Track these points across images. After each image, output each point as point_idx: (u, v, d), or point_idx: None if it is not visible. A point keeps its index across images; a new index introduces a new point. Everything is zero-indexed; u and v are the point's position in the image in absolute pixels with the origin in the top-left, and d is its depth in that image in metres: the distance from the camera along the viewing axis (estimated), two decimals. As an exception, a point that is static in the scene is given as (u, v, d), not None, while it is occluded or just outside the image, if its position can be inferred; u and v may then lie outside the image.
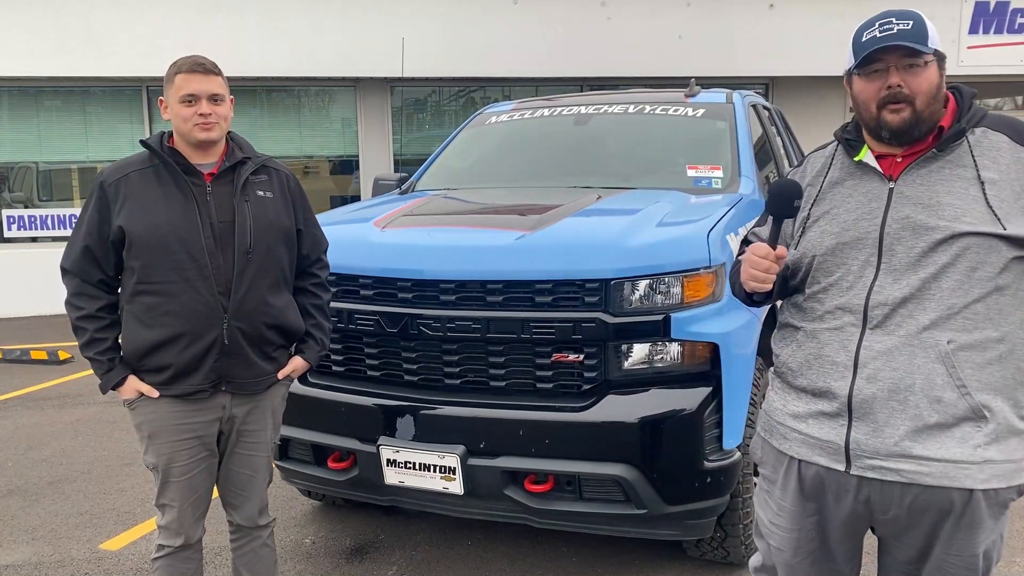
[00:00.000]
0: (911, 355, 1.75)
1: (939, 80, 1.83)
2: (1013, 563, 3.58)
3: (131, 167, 2.52)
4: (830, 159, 2.00)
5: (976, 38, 10.68)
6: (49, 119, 10.52)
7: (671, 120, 4.47)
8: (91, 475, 4.83)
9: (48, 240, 10.46)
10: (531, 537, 3.80)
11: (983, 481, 1.75)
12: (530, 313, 3.00)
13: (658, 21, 10.37)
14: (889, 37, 1.77)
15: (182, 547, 2.61)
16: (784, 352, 2.00)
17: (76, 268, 2.52)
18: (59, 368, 7.52)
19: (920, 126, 1.81)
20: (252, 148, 2.66)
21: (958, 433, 1.74)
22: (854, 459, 1.82)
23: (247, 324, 2.52)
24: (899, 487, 1.79)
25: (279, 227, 2.61)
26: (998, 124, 1.85)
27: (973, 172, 1.78)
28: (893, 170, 1.86)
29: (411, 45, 9.95)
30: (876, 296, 1.80)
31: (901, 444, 1.76)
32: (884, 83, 1.80)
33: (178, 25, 9.67)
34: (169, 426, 2.52)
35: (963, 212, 1.75)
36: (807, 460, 1.91)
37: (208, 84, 2.48)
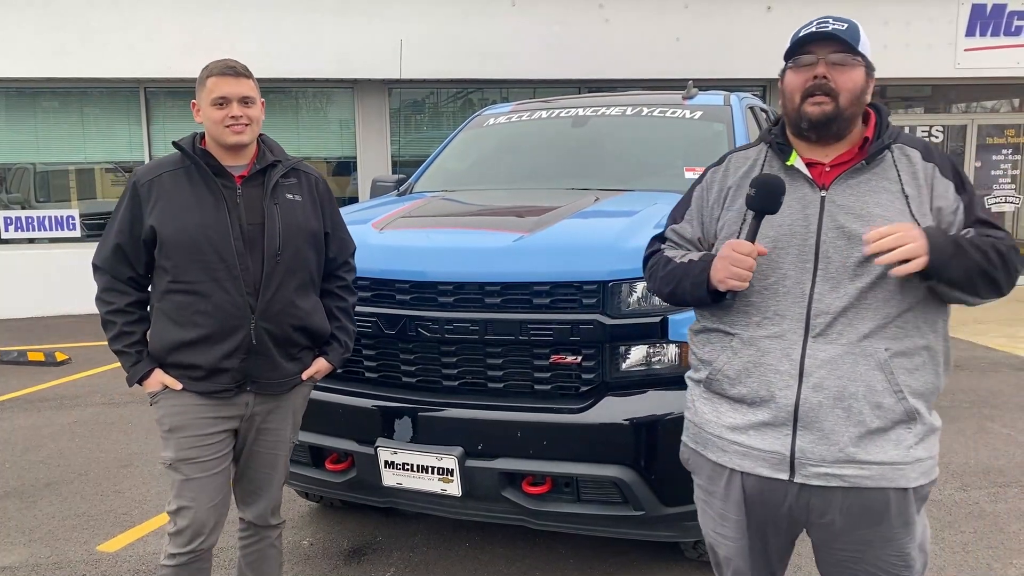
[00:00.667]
0: (854, 363, 1.81)
1: (864, 85, 1.90)
2: (1010, 564, 3.59)
3: (164, 168, 2.55)
4: (759, 162, 2.01)
5: (973, 40, 10.70)
6: (46, 120, 10.51)
7: (669, 122, 4.47)
8: (88, 477, 4.83)
9: (45, 241, 10.45)
10: (529, 539, 3.80)
11: (915, 479, 1.84)
12: (528, 315, 3.00)
13: (656, 23, 10.38)
14: (823, 31, 1.86)
15: (196, 552, 2.53)
16: (718, 360, 1.97)
17: (107, 265, 2.56)
18: (56, 369, 7.50)
19: (839, 122, 1.87)
20: (283, 151, 2.68)
21: (893, 436, 1.83)
22: (798, 467, 1.86)
23: (274, 325, 2.54)
24: (840, 491, 1.84)
25: (307, 230, 2.62)
26: (913, 141, 1.95)
27: (898, 186, 1.86)
28: (823, 179, 1.91)
29: (409, 47, 9.96)
30: (817, 304, 1.84)
31: (846, 450, 1.82)
32: (811, 74, 1.87)
33: (176, 27, 9.67)
34: (192, 420, 2.52)
35: (892, 224, 1.80)
36: (748, 472, 1.93)
37: (239, 87, 2.51)
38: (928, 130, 11.51)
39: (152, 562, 3.74)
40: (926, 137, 11.54)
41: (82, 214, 10.52)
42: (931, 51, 10.68)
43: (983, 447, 5.09)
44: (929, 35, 10.65)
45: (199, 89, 2.55)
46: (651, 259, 2.17)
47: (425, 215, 3.83)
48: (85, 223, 10.54)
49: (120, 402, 6.39)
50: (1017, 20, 10.69)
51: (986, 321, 8.97)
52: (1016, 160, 11.64)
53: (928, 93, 11.81)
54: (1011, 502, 4.24)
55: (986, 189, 11.56)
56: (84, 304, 10.09)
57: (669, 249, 2.14)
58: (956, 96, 11.75)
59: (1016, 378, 6.79)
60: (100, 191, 10.79)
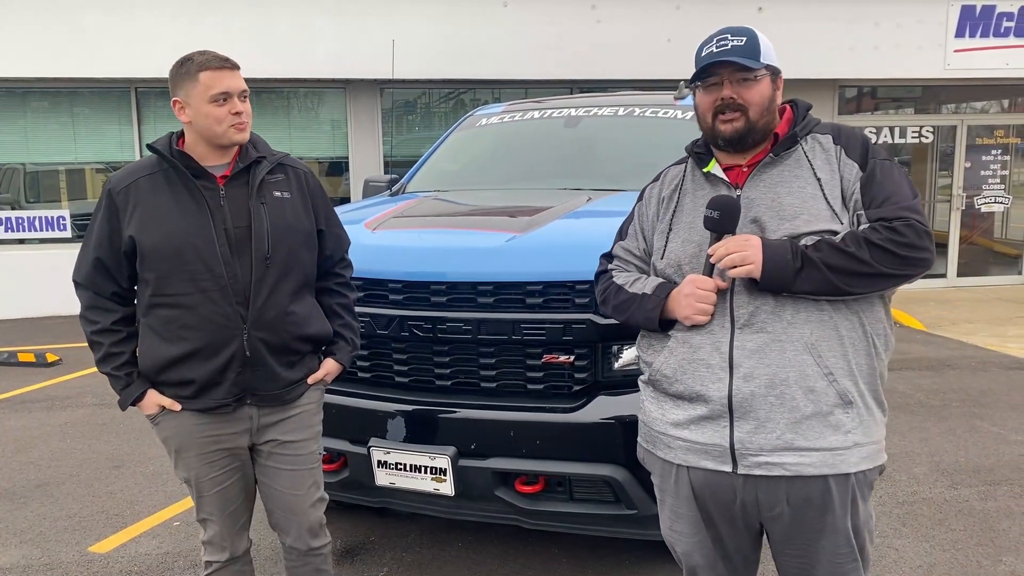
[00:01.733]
0: (781, 350, 1.85)
1: (771, 92, 1.96)
2: (1000, 562, 3.61)
3: (140, 172, 2.37)
4: (683, 172, 2.11)
5: (962, 42, 10.76)
6: (36, 120, 10.46)
7: (660, 122, 4.49)
8: (80, 478, 4.81)
9: (36, 242, 10.41)
10: (522, 538, 3.80)
11: (855, 464, 1.87)
12: (521, 314, 3.00)
13: (647, 24, 10.40)
14: (723, 53, 1.92)
15: (229, 561, 2.53)
16: (657, 360, 2.03)
17: (88, 281, 2.40)
18: (47, 371, 7.48)
19: (754, 134, 1.94)
20: (267, 146, 2.50)
21: (832, 420, 1.85)
22: (740, 459, 1.89)
23: (269, 334, 2.38)
24: (784, 482, 1.88)
25: (299, 230, 2.46)
26: (825, 128, 2.01)
27: (810, 172, 1.92)
28: (739, 179, 1.99)
29: (401, 47, 9.95)
30: (738, 297, 1.90)
31: (784, 437, 1.85)
32: (718, 95, 1.94)
33: (169, 27, 9.64)
34: (195, 440, 2.41)
35: (803, 210, 1.89)
36: (694, 466, 1.97)
37: (238, 80, 2.33)
38: (918, 130, 11.57)
39: (144, 563, 3.73)
40: (916, 138, 11.60)
41: (73, 214, 10.48)
42: (921, 52, 10.73)
43: (973, 446, 5.12)
44: (919, 36, 10.71)
45: (185, 84, 2.31)
46: (601, 280, 2.23)
47: (418, 215, 3.83)
48: (76, 223, 10.49)
49: (111, 403, 6.37)
50: (1006, 21, 10.76)
51: (976, 320, 9.02)
52: (1005, 160, 11.71)
53: (918, 94, 11.87)
54: (1001, 500, 4.26)
55: (975, 189, 11.63)
56: (74, 305, 9.98)
57: (618, 271, 2.19)
58: (946, 97, 11.81)
59: (1006, 377, 6.84)
60: (91, 191, 10.74)
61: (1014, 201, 11.78)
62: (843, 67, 10.62)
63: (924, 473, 4.66)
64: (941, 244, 11.70)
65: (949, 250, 11.66)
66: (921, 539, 3.83)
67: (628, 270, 2.18)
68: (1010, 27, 10.77)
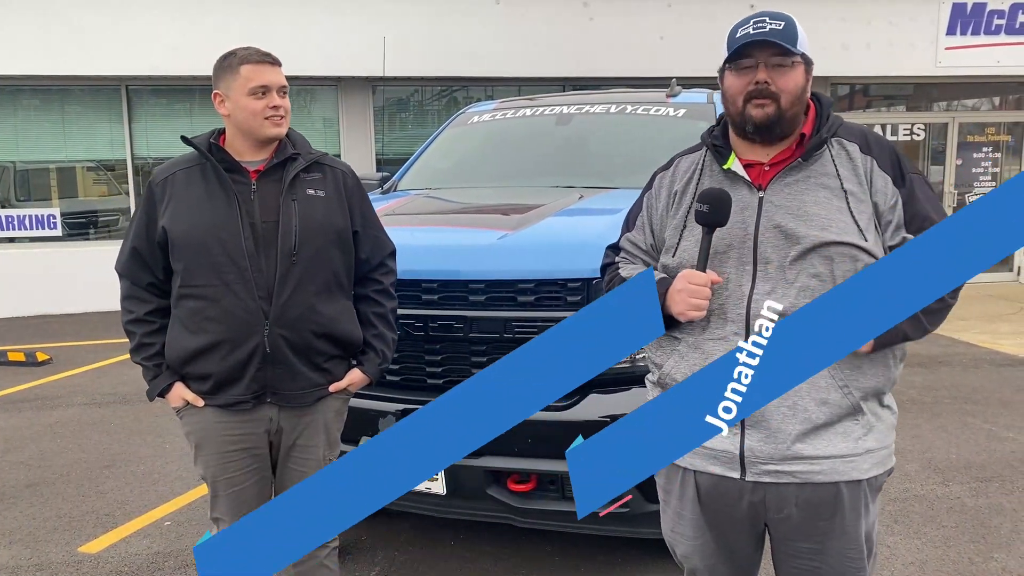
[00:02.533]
0: None
1: (804, 83, 1.89)
2: (991, 559, 3.62)
3: (179, 166, 2.41)
4: (699, 166, 2.02)
5: (953, 39, 10.79)
6: (27, 118, 10.41)
7: (652, 120, 4.48)
8: (70, 478, 4.78)
9: (26, 240, 10.36)
10: (514, 537, 3.80)
11: (866, 471, 1.86)
12: (513, 312, 3.00)
13: (640, 22, 10.40)
14: (760, 35, 1.84)
15: None
16: (667, 363, 1.98)
17: (126, 270, 2.44)
18: (37, 370, 7.44)
19: (782, 124, 1.87)
20: (306, 144, 2.50)
21: (840, 429, 1.84)
22: (749, 466, 1.87)
23: (291, 331, 2.36)
24: (793, 487, 1.86)
25: (330, 228, 2.43)
26: (851, 134, 1.93)
27: (837, 183, 1.85)
28: (761, 179, 1.91)
29: (393, 44, 9.93)
30: (756, 306, 1.83)
31: (793, 447, 1.83)
32: (752, 78, 1.86)
33: (159, 24, 9.61)
34: (215, 437, 2.41)
35: (830, 222, 1.82)
36: (701, 470, 1.95)
37: (278, 76, 2.36)
38: (910, 128, 11.60)
39: (134, 563, 3.71)
40: (908, 135, 11.62)
41: (63, 213, 10.44)
42: (913, 50, 10.76)
43: (964, 442, 5.14)
44: (911, 34, 10.73)
45: (226, 77, 2.35)
46: (607, 272, 2.18)
47: (409, 213, 3.82)
48: (66, 222, 10.45)
49: (102, 402, 6.34)
50: (997, 19, 10.79)
51: (968, 318, 9.05)
52: (996, 158, 11.75)
53: (910, 91, 11.90)
54: (992, 497, 4.27)
55: (967, 187, 11.66)
56: (65, 304, 10.03)
57: (624, 264, 2.14)
58: (938, 94, 11.85)
59: (997, 374, 6.86)
60: (82, 190, 10.70)
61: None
62: (836, 65, 10.63)
63: (916, 470, 4.67)
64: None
65: (941, 247, 11.68)
66: (913, 536, 3.83)
67: (635, 263, 2.13)
68: (1001, 25, 10.80)
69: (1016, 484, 4.45)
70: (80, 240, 10.58)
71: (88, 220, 10.73)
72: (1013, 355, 7.49)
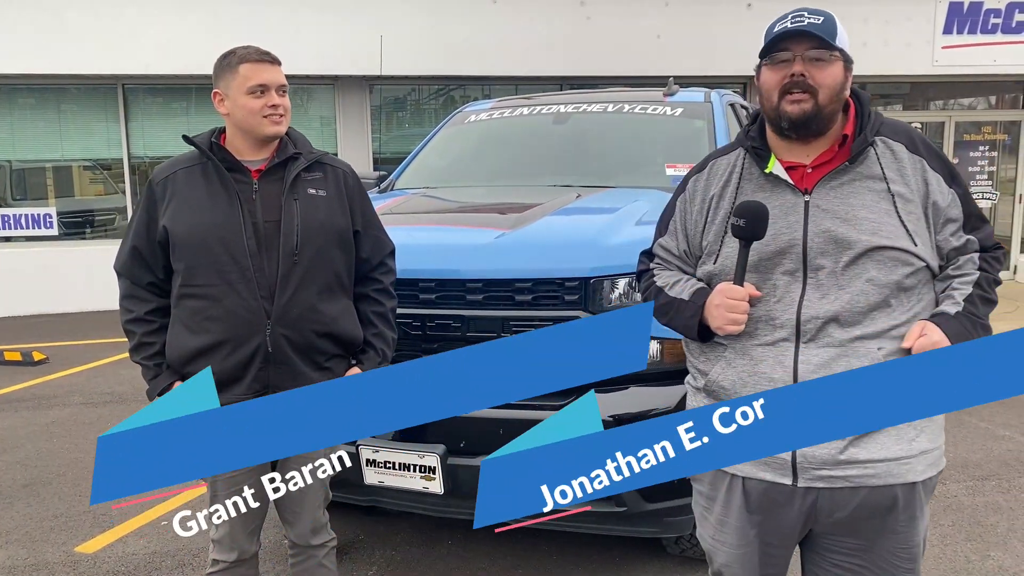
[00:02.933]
0: (848, 365, 1.78)
1: (843, 79, 1.85)
2: (988, 557, 3.63)
3: (179, 165, 2.41)
4: (738, 168, 1.97)
5: (950, 38, 10.80)
6: (23, 117, 10.39)
7: (650, 119, 4.48)
8: (66, 477, 4.78)
9: (22, 240, 10.34)
10: (511, 536, 3.79)
11: (922, 472, 1.83)
12: (510, 312, 2.99)
13: (637, 21, 10.40)
14: (798, 27, 1.81)
15: (236, 563, 2.50)
16: (713, 370, 1.96)
17: (125, 270, 2.43)
18: (34, 369, 7.42)
19: (819, 120, 1.82)
20: (307, 143, 2.51)
21: (894, 432, 1.80)
22: (801, 472, 1.83)
23: (293, 331, 2.36)
24: (847, 491, 1.82)
25: (332, 228, 2.44)
26: (895, 133, 1.89)
27: (884, 185, 1.82)
28: (805, 182, 1.87)
29: (390, 43, 9.92)
30: (807, 311, 1.81)
31: (847, 452, 1.79)
32: (788, 72, 1.82)
33: (155, 23, 9.59)
34: None
35: (880, 226, 1.79)
36: (751, 476, 1.90)
37: (277, 74, 2.36)
38: (907, 127, 11.61)
39: (131, 563, 3.71)
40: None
41: (59, 212, 10.42)
42: (909, 49, 10.77)
43: (961, 441, 5.14)
44: (908, 33, 10.74)
45: (226, 76, 2.36)
46: (644, 279, 2.15)
47: (406, 212, 3.81)
48: (63, 221, 10.43)
49: (98, 402, 6.33)
50: (993, 18, 10.80)
51: (964, 316, 9.05)
52: (993, 156, 11.76)
53: (906, 90, 11.91)
54: (988, 495, 4.28)
55: (963, 186, 11.67)
56: (62, 303, 10.00)
57: (659, 271, 2.11)
58: (934, 93, 11.86)
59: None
60: (78, 189, 10.68)
61: (1001, 197, 11.84)
62: (832, 64, 10.64)
63: (913, 468, 4.67)
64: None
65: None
66: (910, 534, 3.84)
67: (670, 270, 2.09)
68: (997, 23, 10.81)
69: (1013, 483, 4.46)
70: (76, 239, 10.56)
71: (84, 219, 10.71)
72: (1009, 354, 7.50)
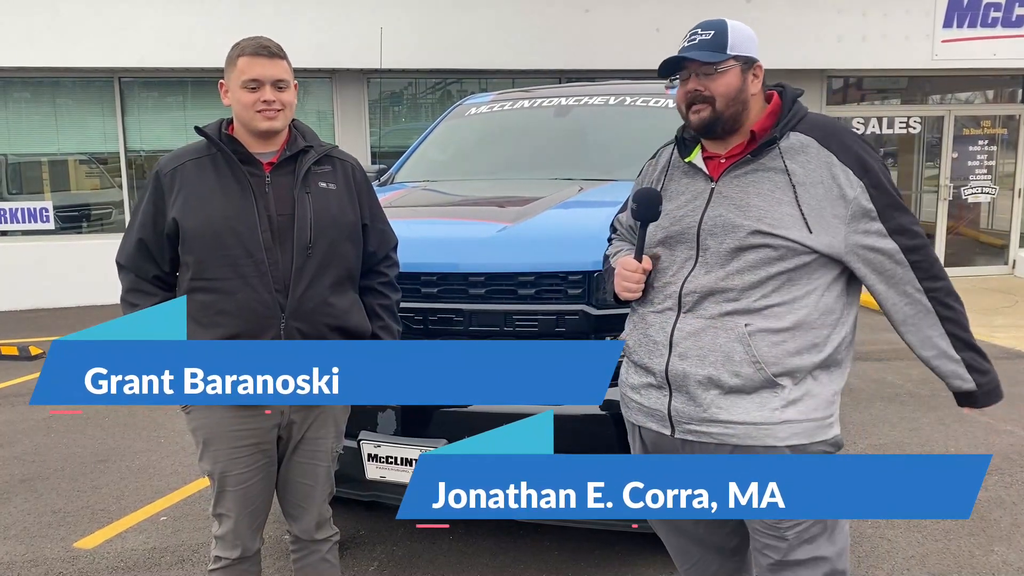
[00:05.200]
0: (715, 335, 2.00)
1: (739, 83, 2.04)
2: (991, 552, 3.62)
3: (187, 156, 2.37)
4: (671, 158, 2.23)
5: (950, 32, 10.77)
6: (18, 111, 10.33)
7: (651, 111, 4.46)
8: (64, 473, 4.75)
9: (18, 234, 10.29)
10: (513, 531, 3.78)
11: (784, 439, 1.98)
12: (513, 306, 2.97)
13: (636, 13, 10.36)
14: (689, 48, 2.04)
15: (239, 559, 2.47)
16: (627, 331, 2.24)
17: (130, 263, 2.39)
18: (30, 364, 7.39)
19: (722, 123, 2.04)
20: (316, 136, 2.50)
21: (757, 399, 1.98)
22: (676, 424, 2.07)
23: (307, 324, 2.35)
24: (712, 446, 2.03)
25: (343, 222, 2.43)
26: (812, 128, 2.04)
27: (785, 177, 1.99)
28: (717, 171, 2.09)
29: (388, 36, 9.85)
30: (689, 284, 2.05)
31: (709, 410, 2.01)
32: (687, 87, 2.07)
33: (150, 15, 9.52)
34: (224, 432, 2.36)
35: (766, 214, 1.97)
36: (644, 426, 2.17)
37: (273, 69, 2.31)
38: (906, 121, 11.59)
39: (130, 559, 3.68)
40: (904, 128, 11.62)
41: (56, 206, 10.36)
42: (909, 42, 10.74)
43: (963, 436, 5.14)
44: (907, 26, 10.71)
45: (228, 69, 2.34)
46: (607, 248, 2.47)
47: (407, 205, 3.79)
48: (59, 215, 10.38)
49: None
50: (994, 11, 10.77)
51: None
52: (992, 151, 11.75)
53: (904, 85, 11.89)
54: (992, 490, 4.27)
55: (963, 180, 11.66)
56: (58, 298, 9.96)
57: (616, 242, 2.42)
58: (933, 87, 11.84)
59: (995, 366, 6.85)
60: (74, 183, 10.63)
61: (1000, 192, 11.83)
62: (831, 57, 10.61)
63: (914, 463, 4.66)
64: (928, 235, 11.70)
65: (936, 241, 11.71)
66: (913, 529, 3.83)
67: (623, 240, 2.38)
68: (997, 17, 10.79)
69: (1015, 477, 4.45)
70: (73, 233, 10.51)
71: (81, 213, 10.66)
72: (1009, 348, 7.50)
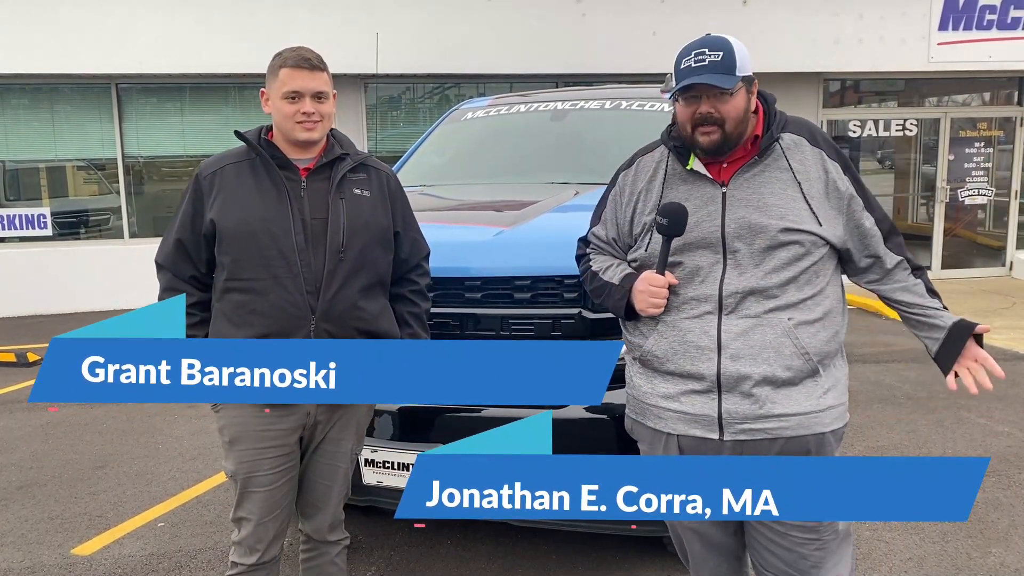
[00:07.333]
0: (763, 333, 2.06)
1: (746, 103, 2.08)
2: (989, 553, 3.62)
3: (227, 160, 2.45)
4: (664, 164, 2.21)
5: (946, 35, 10.79)
6: (16, 117, 10.32)
7: (648, 115, 4.46)
8: (62, 479, 4.74)
9: (16, 240, 10.28)
10: (511, 536, 3.78)
11: (828, 424, 2.11)
12: (509, 310, 2.98)
13: (633, 18, 10.38)
14: (700, 69, 2.01)
15: (256, 565, 2.46)
16: (647, 342, 2.20)
17: (168, 262, 2.46)
18: (28, 370, 7.38)
19: (729, 143, 2.08)
20: (352, 144, 2.56)
21: (804, 389, 2.07)
22: (726, 427, 2.09)
23: (336, 327, 2.39)
24: (766, 442, 2.08)
25: (375, 228, 2.48)
26: (798, 129, 2.16)
27: (790, 175, 2.09)
28: (722, 175, 2.13)
29: (385, 41, 9.85)
30: (728, 287, 2.08)
31: (765, 407, 2.06)
32: (697, 108, 2.05)
33: (148, 21, 9.53)
34: (251, 432, 2.39)
35: (787, 211, 2.06)
36: (683, 434, 2.15)
37: (314, 81, 2.38)
38: (902, 123, 11.61)
39: (128, 565, 3.68)
40: (900, 130, 11.64)
41: (53, 212, 10.36)
42: (905, 45, 10.76)
43: (960, 437, 5.14)
44: (903, 29, 10.73)
45: (270, 78, 2.41)
46: (581, 263, 2.43)
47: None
48: (57, 221, 10.37)
49: (94, 403, 6.29)
50: (989, 14, 10.79)
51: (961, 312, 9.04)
52: (988, 153, 11.77)
53: (901, 87, 11.90)
54: (989, 492, 4.27)
55: (959, 182, 11.68)
56: (56, 304, 9.95)
57: (595, 254, 2.39)
58: (929, 90, 11.85)
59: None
60: (72, 189, 10.62)
61: (997, 193, 11.84)
62: (827, 60, 10.63)
63: (912, 465, 4.66)
64: (925, 236, 11.75)
65: (933, 242, 11.71)
66: (911, 531, 3.83)
67: (603, 254, 2.36)
68: (993, 20, 10.81)
69: (1013, 479, 4.45)
70: (71, 240, 10.50)
71: (79, 219, 10.65)
72: (1007, 349, 7.50)
